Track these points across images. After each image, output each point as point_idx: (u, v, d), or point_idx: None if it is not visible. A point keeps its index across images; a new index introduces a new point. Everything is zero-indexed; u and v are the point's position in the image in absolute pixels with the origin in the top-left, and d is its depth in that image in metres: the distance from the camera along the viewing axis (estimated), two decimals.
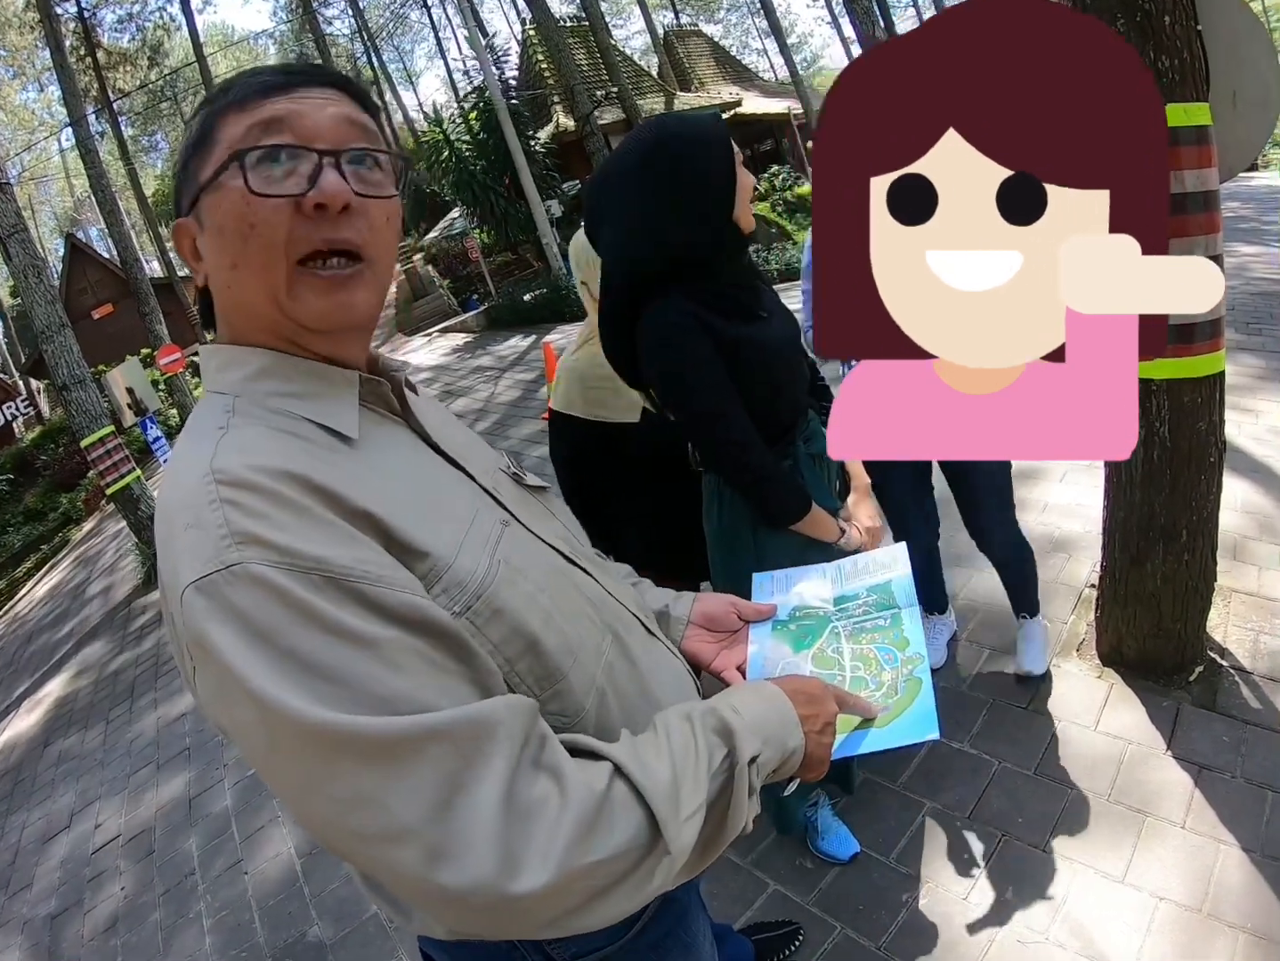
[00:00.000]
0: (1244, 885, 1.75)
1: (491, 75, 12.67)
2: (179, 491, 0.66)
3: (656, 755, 0.73)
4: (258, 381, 0.75)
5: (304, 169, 0.71)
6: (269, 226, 0.70)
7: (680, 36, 24.12)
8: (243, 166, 0.70)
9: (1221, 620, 2.51)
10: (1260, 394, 4.27)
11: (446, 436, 0.89)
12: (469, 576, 0.73)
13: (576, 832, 0.64)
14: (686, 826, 0.70)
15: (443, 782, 0.61)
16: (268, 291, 0.73)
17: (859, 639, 1.03)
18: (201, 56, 23.22)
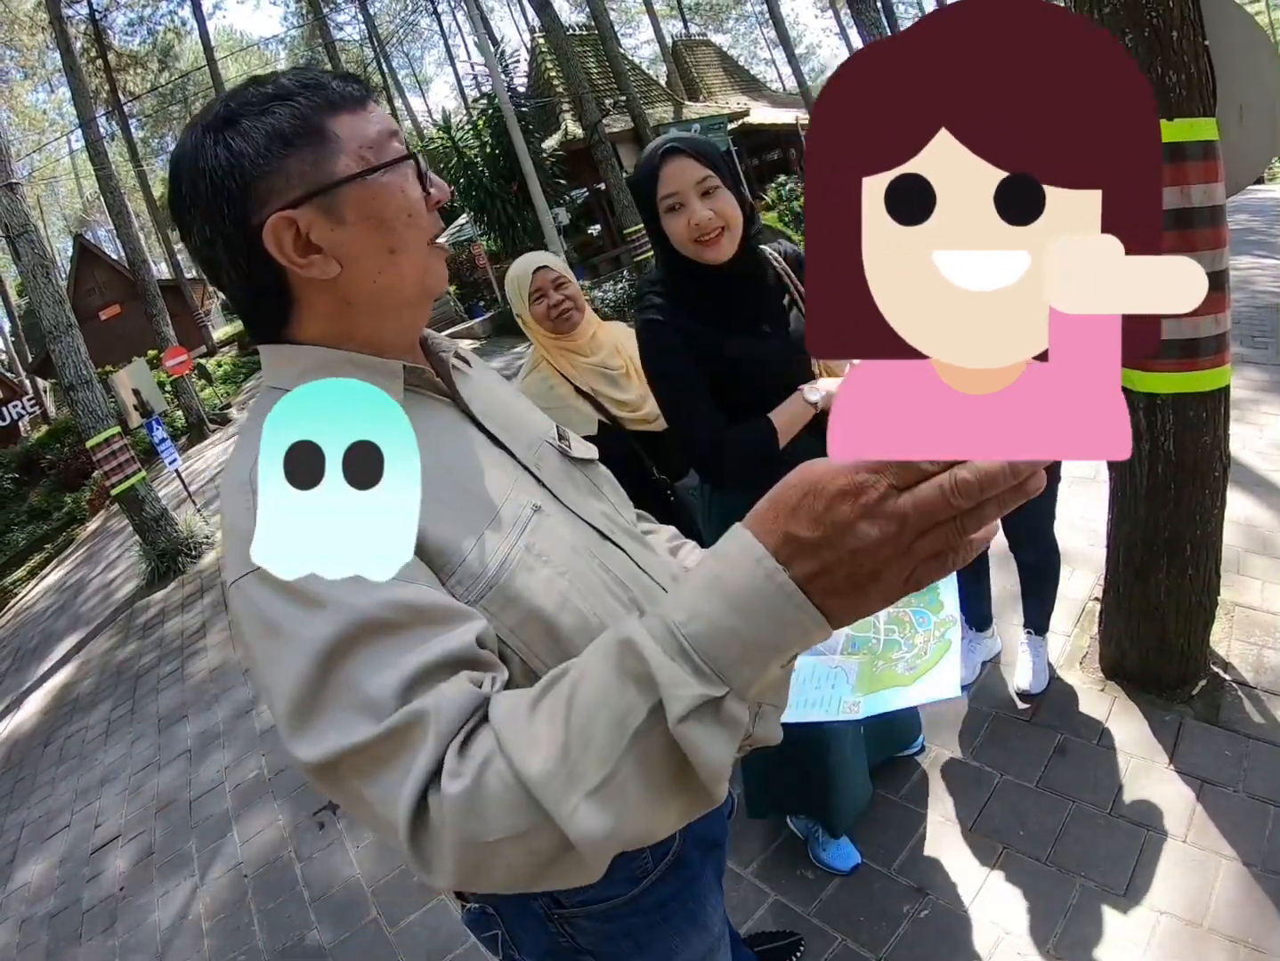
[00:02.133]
0: (1245, 899, 1.74)
1: (500, 83, 12.69)
2: (233, 483, 0.76)
3: (548, 722, 0.60)
4: (309, 375, 0.78)
5: (417, 172, 0.83)
6: (422, 217, 0.82)
7: (689, 46, 24.17)
8: (419, 168, 0.82)
9: (1225, 634, 2.50)
10: (1265, 408, 4.26)
11: (493, 412, 0.93)
12: (482, 569, 0.77)
13: (460, 817, 0.60)
14: (586, 806, 0.57)
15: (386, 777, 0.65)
16: (418, 268, 0.83)
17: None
18: (212, 60, 23.32)
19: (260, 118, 0.75)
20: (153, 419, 8.15)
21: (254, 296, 0.82)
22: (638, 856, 0.95)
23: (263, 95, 0.77)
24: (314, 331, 0.83)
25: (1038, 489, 0.56)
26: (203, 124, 0.77)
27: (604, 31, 16.08)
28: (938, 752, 2.39)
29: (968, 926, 1.86)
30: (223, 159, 0.75)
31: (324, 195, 0.76)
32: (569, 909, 0.95)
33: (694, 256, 1.61)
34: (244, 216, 0.75)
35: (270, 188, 0.75)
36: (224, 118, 0.76)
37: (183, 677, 5.08)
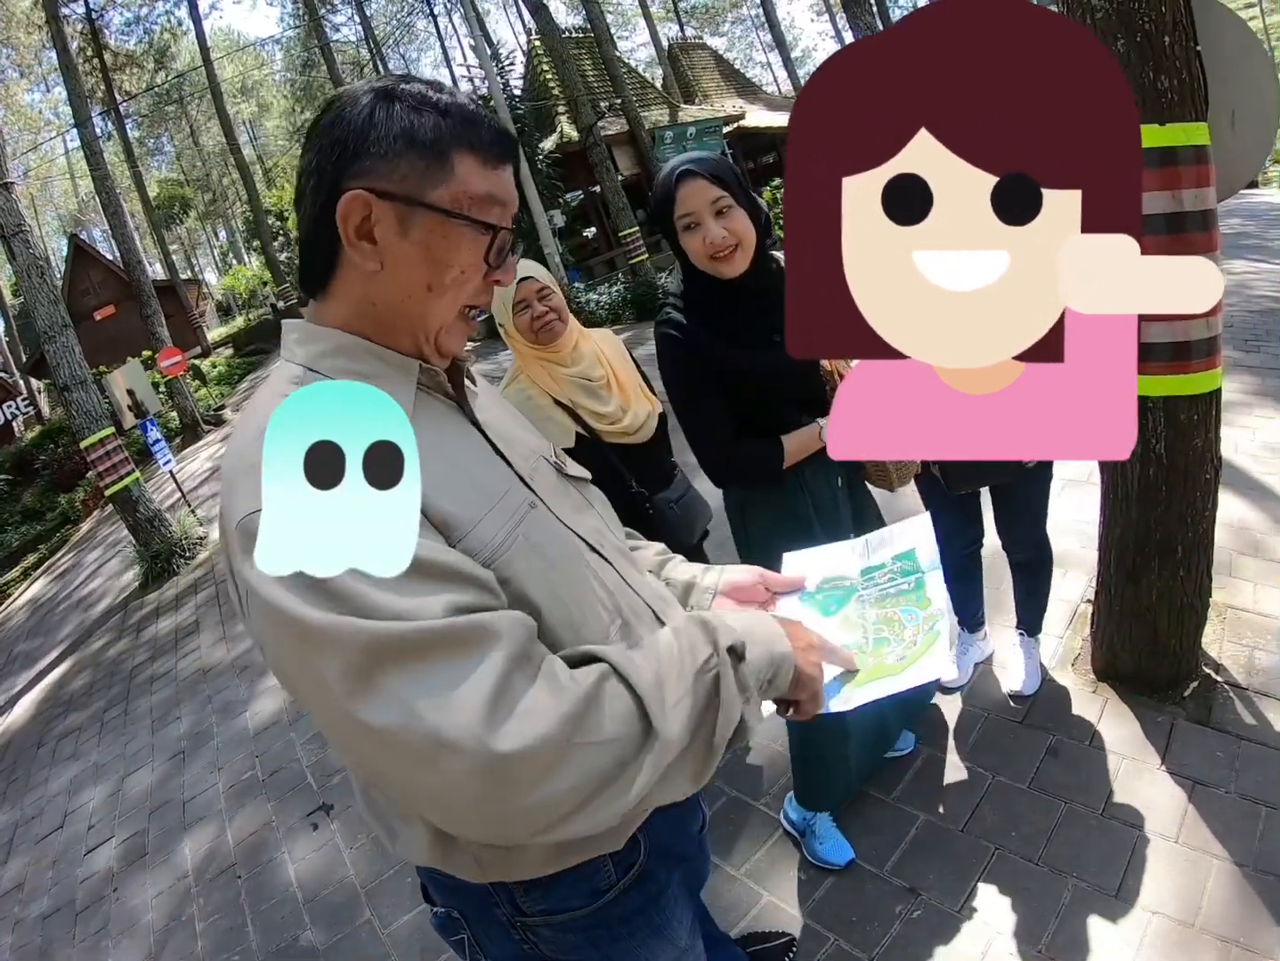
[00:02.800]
0: (1237, 899, 1.75)
1: (496, 85, 12.73)
2: (247, 438, 0.77)
3: (644, 656, 0.82)
4: (330, 358, 0.85)
5: (506, 244, 0.88)
6: (471, 283, 0.87)
7: (685, 49, 24.20)
8: (493, 243, 0.85)
9: (1217, 636, 2.51)
10: (1257, 411, 4.28)
11: (494, 424, 0.98)
12: (485, 543, 0.81)
13: (567, 714, 0.73)
14: (673, 713, 0.79)
15: (447, 675, 0.70)
16: (440, 319, 0.87)
17: (883, 604, 1.08)
18: (208, 61, 23.28)
19: (411, 112, 0.81)
20: (147, 420, 8.13)
21: (309, 241, 0.86)
22: (601, 869, 0.96)
23: (426, 98, 0.83)
24: (340, 311, 0.87)
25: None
26: (373, 84, 0.84)
27: (600, 34, 16.10)
28: (930, 754, 2.40)
29: (960, 927, 1.87)
30: (360, 120, 0.81)
31: (407, 204, 0.81)
32: (531, 917, 0.95)
33: (710, 271, 1.70)
34: (341, 174, 0.81)
35: (374, 167, 0.80)
36: (389, 92, 0.82)
37: (176, 678, 5.07)
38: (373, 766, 0.76)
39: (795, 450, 1.76)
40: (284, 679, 0.77)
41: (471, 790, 0.70)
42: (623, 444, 2.17)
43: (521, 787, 0.70)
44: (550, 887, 0.93)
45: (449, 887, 0.98)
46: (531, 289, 2.06)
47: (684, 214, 1.66)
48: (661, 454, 2.31)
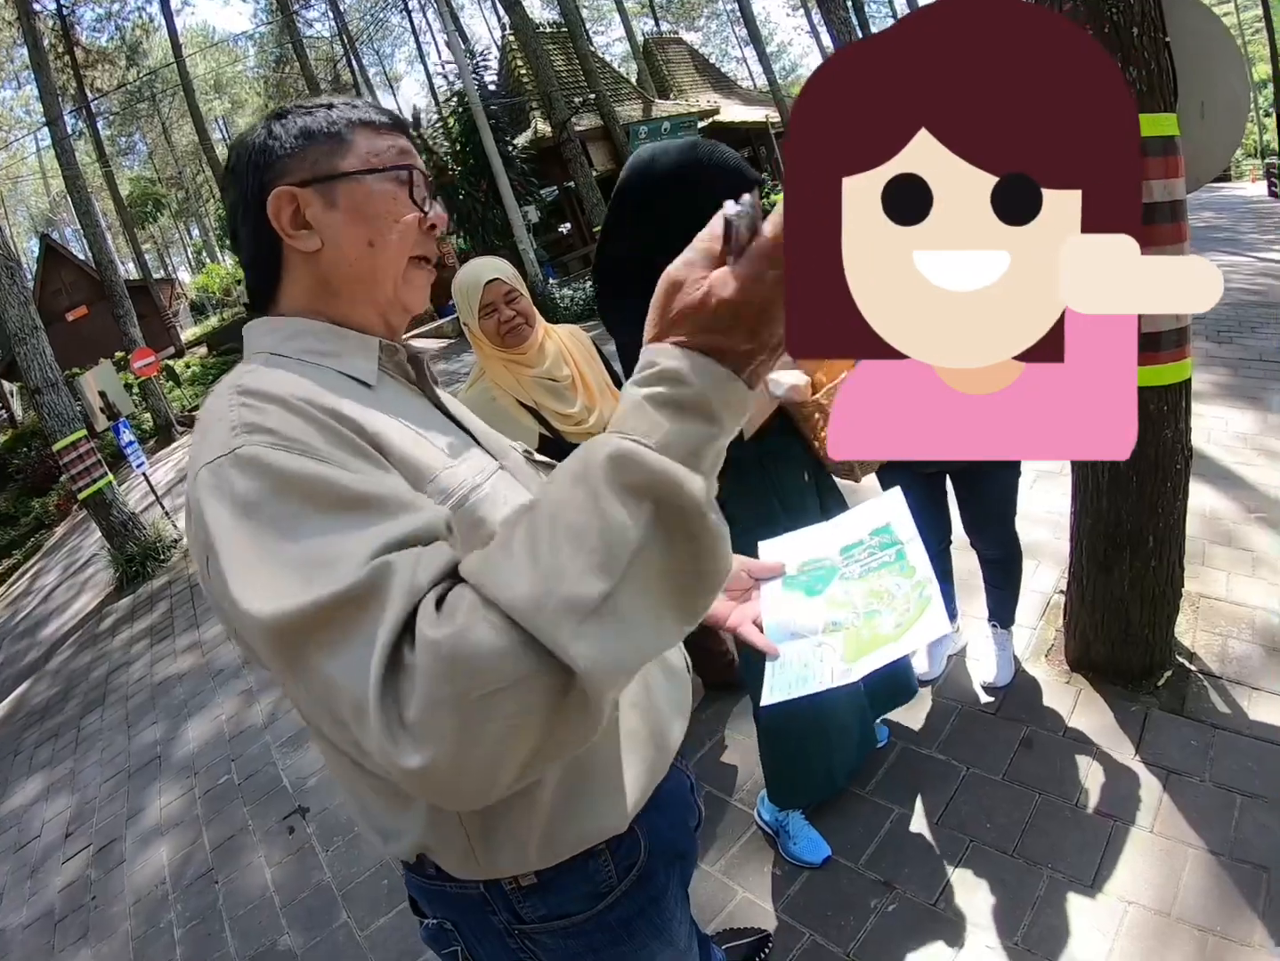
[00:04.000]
0: (1213, 888, 1.76)
1: (470, 80, 12.63)
2: (207, 412, 0.78)
3: (530, 552, 0.58)
4: (294, 340, 0.88)
5: (423, 194, 0.93)
6: (408, 226, 0.91)
7: (660, 44, 24.10)
8: (411, 179, 0.91)
9: (1189, 625, 2.53)
10: (1229, 401, 4.33)
11: (460, 413, 1.02)
12: (458, 483, 0.83)
13: (448, 680, 0.55)
14: (585, 631, 0.55)
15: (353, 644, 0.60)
16: (393, 270, 0.91)
17: (868, 578, 1.08)
18: (180, 57, 22.98)
19: (303, 115, 0.90)
20: (120, 421, 8.02)
21: (256, 262, 0.92)
22: (601, 869, 0.93)
23: (314, 105, 0.92)
24: (295, 304, 0.91)
25: None
26: (268, 114, 0.93)
27: (574, 29, 16.06)
28: (904, 747, 2.40)
29: (935, 919, 1.87)
30: (261, 140, 0.89)
31: (325, 183, 0.88)
32: (530, 924, 0.93)
33: None
34: (261, 189, 0.87)
35: (287, 167, 0.88)
36: (279, 113, 0.92)
37: (150, 682, 5.01)
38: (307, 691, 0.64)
39: (751, 415, 1.72)
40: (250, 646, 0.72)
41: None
42: None
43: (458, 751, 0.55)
44: (549, 891, 0.91)
45: (441, 897, 0.95)
46: (499, 291, 2.03)
47: None
48: None
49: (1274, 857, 1.79)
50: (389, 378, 0.93)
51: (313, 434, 0.72)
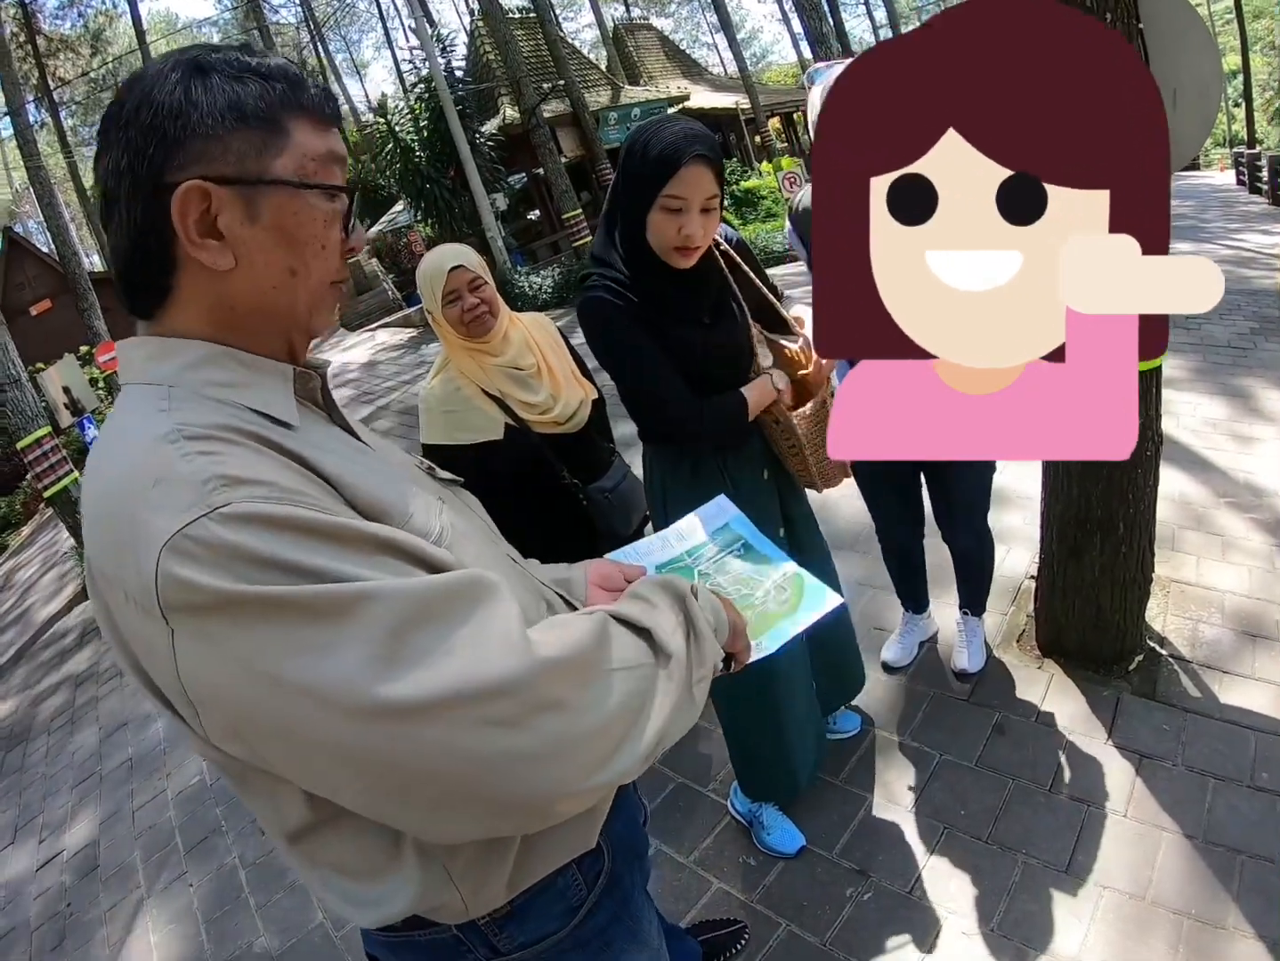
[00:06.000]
0: (1187, 872, 1.78)
1: (437, 66, 12.43)
2: (129, 460, 0.66)
3: (627, 601, 0.86)
4: (196, 370, 0.74)
5: (345, 213, 0.80)
6: (334, 255, 0.79)
7: (630, 30, 23.93)
8: (351, 209, 0.80)
9: (1160, 609, 2.56)
10: (1198, 387, 4.37)
11: (364, 434, 0.93)
12: (427, 528, 0.78)
13: (586, 642, 0.73)
14: (674, 637, 0.82)
15: (467, 626, 0.66)
16: (310, 301, 0.79)
17: (725, 570, 1.15)
18: (144, 44, 22.49)
19: (232, 81, 0.72)
20: (85, 417, 7.89)
21: (134, 254, 0.74)
22: (572, 885, 0.92)
23: (245, 64, 0.73)
24: (187, 325, 0.76)
25: None
26: (178, 59, 0.72)
27: (542, 14, 15.85)
28: (877, 734, 2.41)
29: (911, 907, 1.87)
30: (176, 100, 0.69)
31: (251, 186, 0.72)
32: (509, 955, 0.89)
33: (662, 256, 1.60)
34: (163, 166, 0.70)
35: (204, 152, 0.70)
36: (200, 64, 0.72)
37: (122, 685, 4.93)
38: (404, 764, 0.64)
39: (756, 402, 1.71)
40: (254, 723, 0.64)
41: (530, 729, 0.66)
42: (553, 434, 2.13)
43: (574, 707, 0.69)
44: (525, 917, 0.89)
45: (409, 947, 0.90)
46: (463, 279, 1.99)
47: (674, 195, 1.51)
48: (596, 442, 2.27)
49: (1246, 840, 1.81)
50: (307, 411, 0.82)
51: (302, 482, 0.67)
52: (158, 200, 0.70)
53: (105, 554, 0.66)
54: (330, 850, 0.79)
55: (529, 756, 0.66)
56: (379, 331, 13.55)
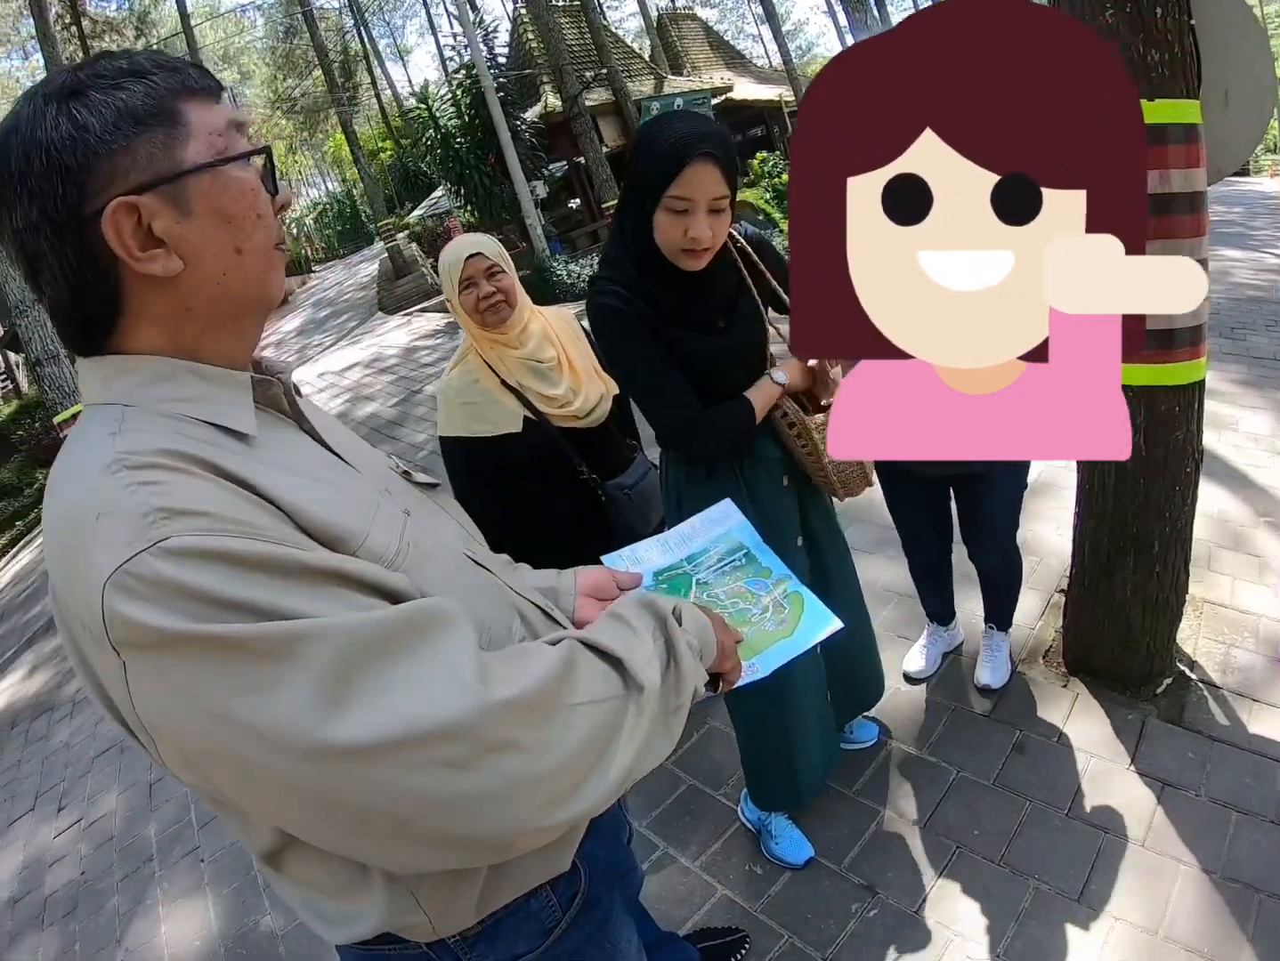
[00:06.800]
0: (1202, 908, 1.71)
1: (479, 53, 12.45)
2: (77, 491, 0.65)
3: (601, 626, 0.84)
4: (150, 387, 0.73)
5: (266, 171, 0.78)
6: (269, 218, 0.77)
7: (674, 20, 23.77)
8: (270, 165, 0.78)
9: (1192, 631, 2.47)
10: (1242, 401, 4.24)
11: (338, 438, 0.90)
12: (380, 554, 0.75)
13: (549, 675, 0.71)
14: (648, 668, 0.79)
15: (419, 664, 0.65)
16: (262, 272, 0.77)
17: (724, 581, 1.13)
18: (189, 27, 22.89)
19: (111, 91, 0.68)
20: None
21: (78, 297, 0.71)
22: (545, 906, 0.90)
23: (116, 69, 0.70)
24: (145, 342, 0.74)
25: None
26: (44, 92, 0.68)
27: (586, 2, 15.83)
28: (894, 746, 2.35)
29: (917, 927, 1.83)
30: (65, 132, 0.66)
31: (172, 183, 0.69)
32: None
33: (670, 258, 1.56)
34: (80, 200, 0.67)
35: (114, 170, 0.67)
36: (71, 88, 0.68)
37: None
38: (354, 802, 0.64)
39: (763, 404, 1.67)
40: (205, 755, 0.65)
41: (483, 770, 0.65)
42: (572, 428, 2.09)
43: (530, 747, 0.67)
44: (495, 937, 0.87)
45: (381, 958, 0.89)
46: (480, 266, 1.96)
47: (680, 195, 1.46)
48: (616, 437, 2.24)
49: (1265, 878, 1.74)
50: (263, 413, 0.80)
51: (248, 510, 0.66)
52: (86, 234, 0.68)
53: (62, 583, 0.66)
54: (302, 869, 0.80)
55: (484, 797, 0.65)
56: (415, 317, 13.62)
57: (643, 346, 1.60)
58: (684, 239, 1.49)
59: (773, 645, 1.02)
